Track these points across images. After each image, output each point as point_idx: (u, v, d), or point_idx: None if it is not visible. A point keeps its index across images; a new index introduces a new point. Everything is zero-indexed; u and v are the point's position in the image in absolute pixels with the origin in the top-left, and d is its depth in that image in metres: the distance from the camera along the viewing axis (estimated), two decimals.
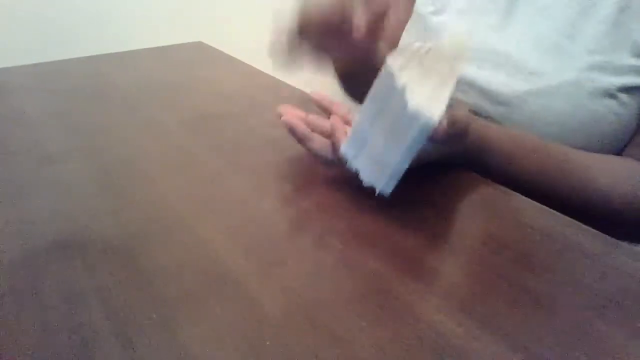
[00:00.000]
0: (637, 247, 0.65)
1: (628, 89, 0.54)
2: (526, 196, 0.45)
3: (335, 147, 0.46)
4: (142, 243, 0.40)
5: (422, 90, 0.38)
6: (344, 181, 0.47)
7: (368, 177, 0.42)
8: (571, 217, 0.42)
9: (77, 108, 0.69)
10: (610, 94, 0.54)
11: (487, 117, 0.59)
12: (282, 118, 0.50)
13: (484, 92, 0.59)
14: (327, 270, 0.36)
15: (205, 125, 0.62)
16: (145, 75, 0.84)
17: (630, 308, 0.32)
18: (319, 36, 0.49)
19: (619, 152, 0.58)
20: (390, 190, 0.41)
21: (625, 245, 0.38)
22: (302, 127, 0.49)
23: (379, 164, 0.41)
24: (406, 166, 0.39)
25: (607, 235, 0.39)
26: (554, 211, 0.43)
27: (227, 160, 0.53)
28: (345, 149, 0.45)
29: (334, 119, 0.48)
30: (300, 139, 0.49)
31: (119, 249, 0.39)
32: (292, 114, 0.50)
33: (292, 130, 0.49)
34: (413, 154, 0.38)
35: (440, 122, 0.38)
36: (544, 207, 0.43)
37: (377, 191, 0.41)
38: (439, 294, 0.34)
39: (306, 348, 0.30)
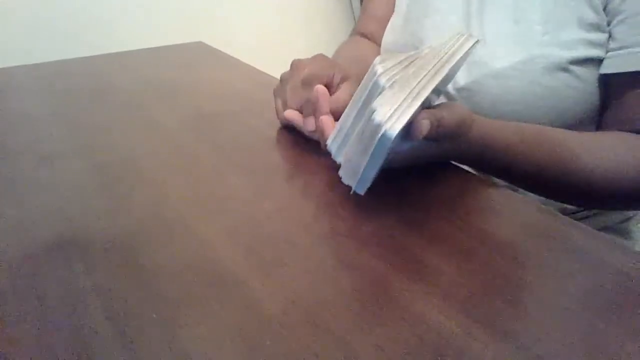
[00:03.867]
0: (634, 243, 0.66)
1: (581, 61, 0.57)
2: (526, 187, 0.45)
3: (323, 142, 0.49)
4: (142, 243, 0.40)
5: (392, 100, 0.38)
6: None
7: (344, 174, 0.44)
8: (581, 200, 0.42)
9: (77, 108, 0.69)
10: (563, 68, 0.57)
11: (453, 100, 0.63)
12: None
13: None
14: (327, 270, 0.36)
15: (205, 125, 0.62)
16: (145, 75, 0.84)
17: (630, 308, 0.32)
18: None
19: (580, 125, 0.59)
20: (363, 192, 0.41)
21: (625, 245, 0.38)
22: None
23: (352, 165, 0.42)
24: (373, 173, 0.40)
25: (607, 235, 0.39)
26: (554, 211, 0.43)
27: (227, 160, 0.53)
28: (329, 143, 0.47)
29: (324, 116, 0.50)
30: (315, 110, 0.52)
31: (119, 249, 0.39)
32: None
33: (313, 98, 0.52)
34: (379, 163, 0.39)
35: (423, 125, 0.40)
36: (544, 206, 0.43)
37: (352, 190, 0.42)
38: (439, 294, 0.34)
39: (306, 348, 0.30)
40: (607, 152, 0.53)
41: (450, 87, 0.63)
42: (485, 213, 0.43)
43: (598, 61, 0.57)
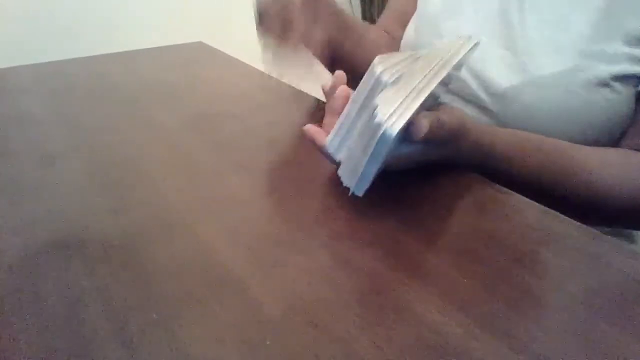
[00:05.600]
0: (637, 247, 0.66)
1: (621, 78, 0.55)
2: (527, 197, 0.45)
3: (319, 144, 0.47)
4: (142, 243, 0.40)
5: (393, 98, 0.38)
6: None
7: (344, 173, 0.43)
8: (570, 213, 0.42)
9: (77, 108, 0.69)
10: (604, 83, 0.55)
11: (485, 108, 0.60)
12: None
13: (483, 83, 0.60)
14: (327, 270, 0.36)
15: (205, 125, 0.62)
16: (145, 75, 0.84)
17: (630, 308, 0.32)
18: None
19: (614, 139, 0.58)
20: (361, 193, 0.41)
21: (625, 245, 0.38)
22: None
23: (352, 164, 0.42)
24: (373, 172, 0.40)
25: (607, 236, 0.39)
26: (554, 211, 0.43)
27: (227, 160, 0.53)
28: (328, 142, 0.46)
29: (312, 127, 0.48)
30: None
31: (119, 249, 0.39)
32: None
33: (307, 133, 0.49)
34: (378, 163, 0.39)
35: (422, 125, 0.39)
36: (544, 207, 0.43)
37: (351, 191, 0.42)
38: (439, 294, 0.34)
39: (306, 348, 0.30)
40: (615, 169, 0.52)
41: (483, 94, 0.60)
42: (485, 213, 0.43)
43: (637, 78, 0.55)
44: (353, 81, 0.50)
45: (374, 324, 0.31)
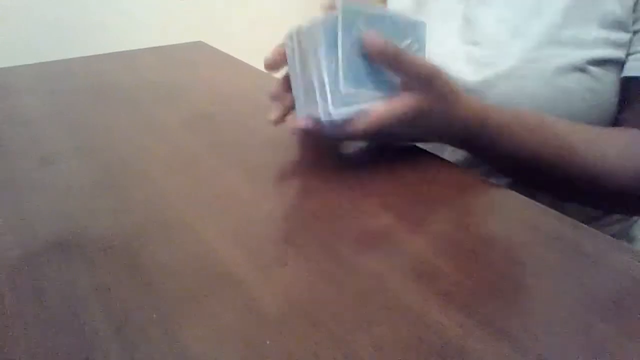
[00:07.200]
0: (637, 247, 0.66)
1: (599, 62, 0.53)
2: (528, 176, 0.45)
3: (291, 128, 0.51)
4: (142, 243, 0.40)
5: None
6: (344, 181, 0.47)
7: (311, 111, 0.47)
8: (576, 195, 0.42)
9: (77, 108, 0.69)
10: (580, 68, 0.53)
11: None
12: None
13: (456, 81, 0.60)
14: (327, 270, 0.36)
15: (205, 125, 0.62)
16: (145, 75, 0.84)
17: (630, 308, 0.32)
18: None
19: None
20: (339, 110, 0.44)
21: (625, 245, 0.38)
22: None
23: (314, 95, 0.46)
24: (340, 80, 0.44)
25: (607, 235, 0.39)
26: (555, 211, 0.43)
27: (228, 160, 0.53)
28: (298, 115, 0.50)
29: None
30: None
31: (119, 249, 0.39)
32: None
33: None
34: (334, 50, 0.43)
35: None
36: (544, 207, 0.43)
37: (329, 117, 0.45)
38: (439, 294, 0.34)
39: (306, 348, 0.30)
40: (611, 149, 0.51)
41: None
42: (485, 213, 0.43)
43: (618, 63, 0.54)
44: None
45: (374, 324, 0.31)
